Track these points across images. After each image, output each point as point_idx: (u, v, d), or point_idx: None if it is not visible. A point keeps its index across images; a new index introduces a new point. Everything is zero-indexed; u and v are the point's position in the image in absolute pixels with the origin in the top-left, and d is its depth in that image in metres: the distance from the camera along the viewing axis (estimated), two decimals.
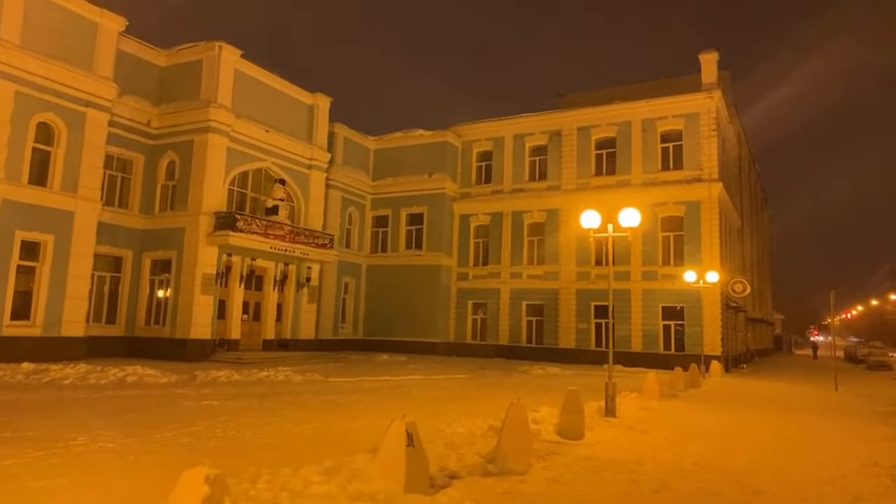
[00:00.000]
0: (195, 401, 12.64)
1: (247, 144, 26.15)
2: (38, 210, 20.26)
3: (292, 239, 26.73)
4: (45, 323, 20.55)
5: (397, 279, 35.09)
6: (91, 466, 6.93)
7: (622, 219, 12.08)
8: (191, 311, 23.66)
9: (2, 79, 19.28)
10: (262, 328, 27.45)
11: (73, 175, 21.35)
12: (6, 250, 19.50)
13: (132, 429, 9.17)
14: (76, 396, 12.84)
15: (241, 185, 26.63)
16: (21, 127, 19.86)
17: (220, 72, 24.71)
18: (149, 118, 25.18)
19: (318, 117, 30.16)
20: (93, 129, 21.91)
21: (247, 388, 15.75)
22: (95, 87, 21.86)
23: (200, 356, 23.31)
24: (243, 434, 9.14)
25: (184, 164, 24.80)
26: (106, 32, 22.32)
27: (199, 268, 23.90)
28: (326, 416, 11.23)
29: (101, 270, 24.08)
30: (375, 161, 37.07)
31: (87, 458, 7.33)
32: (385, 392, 15.87)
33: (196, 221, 23.99)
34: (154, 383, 16.01)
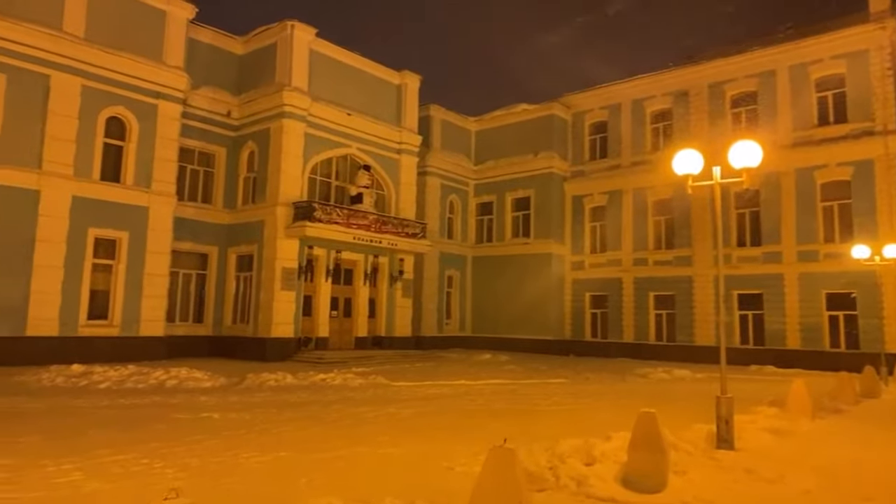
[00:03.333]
0: (194, 413, 10.57)
1: (327, 129, 24.45)
2: (111, 206, 19.76)
3: (378, 228, 24.64)
4: (122, 322, 20.04)
5: (505, 270, 31.98)
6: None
7: (734, 156, 8.15)
8: (271, 308, 22.32)
9: (67, 73, 18.92)
10: (354, 325, 25.67)
11: (147, 170, 20.73)
12: (80, 248, 19.12)
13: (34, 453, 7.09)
14: (75, 404, 11.31)
15: (324, 173, 25.01)
16: (90, 122, 19.42)
17: (293, 53, 23.18)
18: (228, 109, 24.33)
19: (407, 97, 27.87)
20: (165, 121, 21.19)
21: (287, 394, 13.62)
22: (166, 78, 21.12)
23: (283, 355, 21.89)
24: (157, 467, 6.69)
25: (262, 153, 23.61)
26: (175, 21, 21.53)
27: (279, 262, 22.51)
28: (324, 439, 8.57)
29: (186, 268, 23.54)
30: (477, 143, 34.22)
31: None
32: (441, 402, 12.96)
33: (274, 213, 22.64)
34: (194, 388, 14.42)
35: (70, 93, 18.97)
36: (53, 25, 18.65)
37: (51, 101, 18.58)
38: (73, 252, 18.94)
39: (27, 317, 18.02)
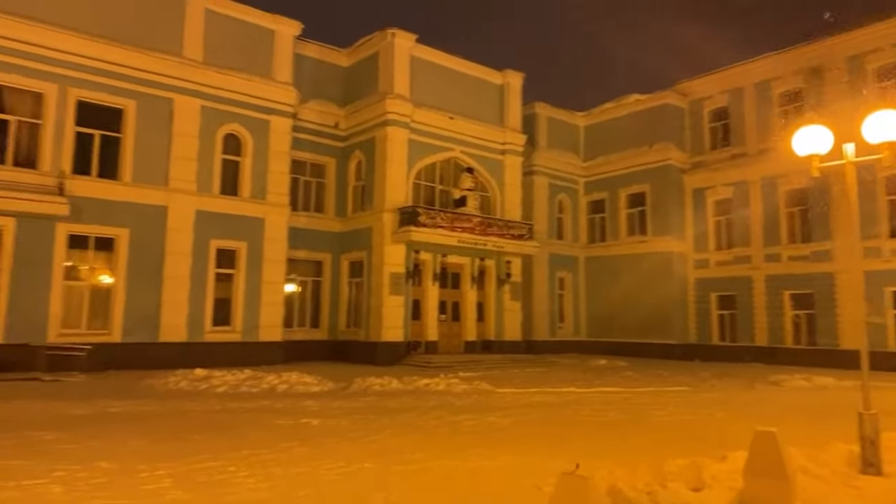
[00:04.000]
0: (295, 418, 10.69)
1: (430, 134, 24.50)
2: (230, 219, 20.93)
3: (483, 231, 24.29)
4: (243, 328, 21.14)
5: (620, 271, 30.46)
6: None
7: (869, 129, 6.88)
8: (381, 313, 22.67)
9: (188, 96, 20.30)
10: (462, 329, 25.47)
11: (261, 182, 21.78)
12: (203, 259, 20.40)
13: (131, 457, 7.34)
14: (190, 407, 11.86)
15: (427, 178, 25.09)
16: (209, 140, 20.71)
17: (394, 61, 23.46)
18: (336, 120, 25.08)
19: (510, 97, 27.33)
20: (277, 135, 22.18)
21: (390, 399, 13.55)
22: (276, 94, 22.10)
23: (393, 360, 22.14)
24: (240, 476, 6.66)
25: (368, 162, 24.11)
26: (282, 38, 22.50)
27: (387, 267, 22.82)
28: (414, 448, 8.27)
29: (302, 275, 24.53)
30: (586, 139, 32.94)
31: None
32: (545, 410, 12.30)
33: (380, 220, 23.00)
34: (302, 392, 14.76)
35: (191, 114, 20.33)
36: (175, 52, 20.09)
37: (175, 122, 20.02)
38: (197, 263, 20.24)
39: (159, 324, 19.46)
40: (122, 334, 18.89)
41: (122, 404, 12.06)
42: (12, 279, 17.20)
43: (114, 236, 18.88)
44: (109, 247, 18.95)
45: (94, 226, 18.46)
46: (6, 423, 9.76)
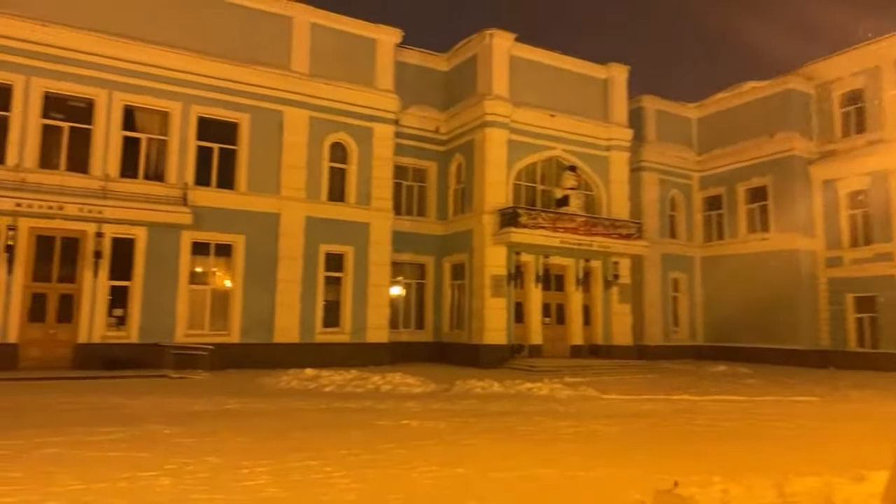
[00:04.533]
0: (395, 420, 10.75)
1: (530, 134, 24.08)
2: (337, 224, 21.65)
3: (587, 231, 23.50)
4: (352, 330, 21.77)
5: (740, 271, 28.43)
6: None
7: None
8: (483, 316, 22.53)
9: (297, 107, 21.22)
10: (568, 333, 24.76)
11: (366, 188, 22.36)
12: (313, 263, 21.23)
13: (238, 453, 7.60)
14: (297, 406, 12.28)
15: (528, 178, 24.67)
16: (317, 149, 21.54)
17: (493, 61, 23.29)
18: (437, 125, 25.30)
19: (614, 91, 26.29)
20: (380, 142, 22.69)
21: (490, 403, 13.34)
22: (379, 102, 22.62)
23: (496, 362, 21.92)
24: (335, 477, 6.68)
25: (468, 164, 24.10)
26: (384, 47, 23.00)
27: (488, 269, 22.66)
28: (511, 455, 8.00)
29: (407, 277, 24.96)
30: (699, 132, 31.08)
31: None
32: (655, 419, 11.57)
33: (481, 222, 22.88)
34: (405, 393, 14.91)
35: (300, 125, 21.24)
36: (284, 66, 21.09)
37: (285, 133, 21.01)
38: (308, 267, 21.09)
39: (274, 325, 20.45)
40: (241, 335, 20.02)
41: (236, 401, 12.71)
42: (145, 284, 18.74)
43: (232, 242, 20.09)
44: (228, 252, 20.17)
45: (214, 233, 19.74)
46: (134, 417, 10.54)
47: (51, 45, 17.87)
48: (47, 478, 6.22)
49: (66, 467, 6.70)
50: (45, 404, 11.84)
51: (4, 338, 16.94)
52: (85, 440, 8.30)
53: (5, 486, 5.83)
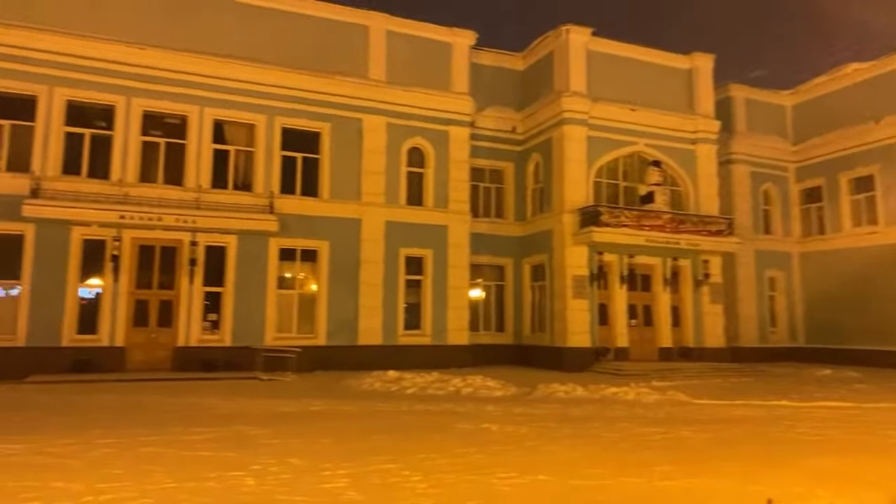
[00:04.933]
0: (475, 423, 10.67)
1: (610, 129, 23.39)
2: (416, 228, 21.88)
3: (674, 228, 22.55)
4: (433, 332, 21.93)
5: (845, 267, 26.42)
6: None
7: None
8: (565, 318, 22.08)
9: (375, 115, 21.63)
10: (656, 335, 23.82)
11: (443, 191, 22.47)
12: (394, 266, 21.55)
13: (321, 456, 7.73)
14: (379, 408, 12.43)
15: (610, 175, 23.96)
16: (395, 154, 21.88)
17: (569, 58, 22.82)
18: (513, 125, 25.09)
19: (699, 81, 25.10)
20: (456, 145, 22.75)
21: (573, 407, 13.02)
22: (454, 105, 22.69)
23: (580, 366, 21.40)
24: (412, 481, 6.65)
25: (546, 163, 23.72)
26: (458, 50, 23.05)
27: (569, 270, 22.18)
28: (594, 462, 7.72)
29: (487, 279, 24.88)
30: (795, 120, 29.15)
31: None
32: (749, 426, 10.87)
33: (560, 221, 22.45)
34: (485, 396, 14.82)
35: (378, 131, 21.64)
36: (362, 75, 21.57)
37: (364, 140, 21.48)
38: (389, 270, 21.44)
39: (358, 328, 20.91)
40: (327, 337, 20.60)
41: (321, 403, 13.05)
42: (236, 289, 19.63)
43: (316, 248, 20.71)
44: (313, 258, 20.81)
45: (299, 239, 20.42)
46: (225, 417, 11.02)
47: (148, 67, 19.09)
48: (144, 475, 6.57)
49: (162, 465, 7.07)
50: (148, 404, 12.60)
51: (112, 341, 18.22)
52: (180, 439, 8.74)
53: (106, 483, 6.21)
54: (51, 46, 18.08)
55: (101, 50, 18.54)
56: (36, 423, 10.06)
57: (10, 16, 17.88)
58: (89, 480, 6.30)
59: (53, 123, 18.19)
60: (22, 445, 8.12)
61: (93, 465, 7.07)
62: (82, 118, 18.76)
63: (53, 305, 17.64)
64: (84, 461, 7.26)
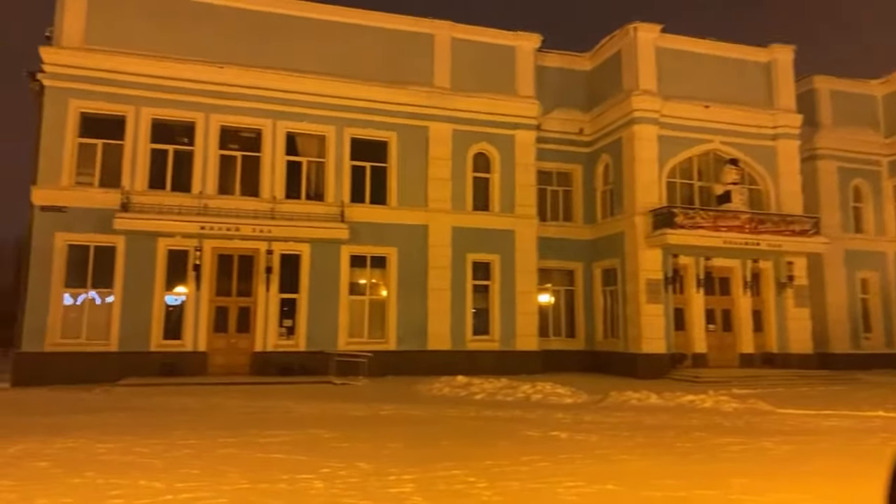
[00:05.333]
0: (544, 430, 10.50)
1: (682, 128, 22.64)
2: (482, 233, 21.90)
3: (754, 229, 21.56)
4: (501, 337, 21.85)
5: None
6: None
7: None
8: (639, 323, 21.49)
9: (441, 122, 21.84)
10: (736, 340, 22.81)
11: (510, 196, 22.40)
12: (461, 272, 21.63)
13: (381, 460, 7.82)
14: (448, 413, 12.48)
15: (684, 175, 23.18)
16: (461, 160, 22.00)
17: (638, 56, 22.28)
18: (581, 126, 24.71)
19: (779, 74, 23.90)
20: (522, 149, 22.63)
21: (646, 415, 12.63)
22: (520, 109, 22.61)
23: (655, 373, 20.78)
24: (478, 488, 6.60)
25: (616, 165, 23.22)
26: (523, 53, 22.96)
27: (642, 274, 21.59)
28: (666, 473, 7.44)
29: (556, 284, 24.57)
30: (886, 110, 27.30)
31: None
32: (838, 438, 10.18)
33: (632, 224, 21.89)
34: (555, 403, 14.61)
35: (443, 138, 21.83)
36: (427, 83, 21.85)
37: (430, 147, 21.72)
38: (456, 275, 21.54)
39: (427, 333, 21.10)
40: (397, 342, 20.90)
41: (391, 408, 13.23)
42: (310, 296, 20.23)
43: (385, 254, 21.08)
44: (382, 264, 21.18)
45: (369, 246, 20.85)
46: (299, 421, 11.35)
47: (225, 84, 20.03)
48: (220, 476, 6.84)
49: (237, 466, 7.35)
50: (227, 407, 13.16)
51: (196, 346, 19.15)
52: (255, 441, 9.06)
53: (185, 483, 6.51)
54: (137, 69, 19.28)
55: (181, 70, 19.60)
56: (126, 424, 10.69)
57: (99, 42, 19.19)
58: (170, 480, 6.62)
59: (140, 141, 19.37)
60: (113, 444, 8.64)
61: (174, 464, 7.44)
62: (166, 135, 19.88)
63: (142, 313, 18.73)
64: (166, 461, 7.65)
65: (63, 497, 5.97)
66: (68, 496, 6.00)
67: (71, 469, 7.11)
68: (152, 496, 6.05)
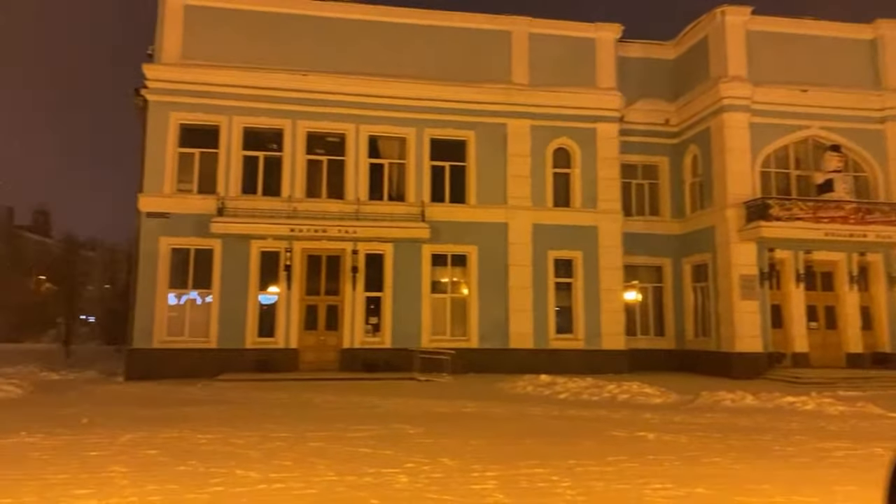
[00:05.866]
0: (630, 431, 10.26)
1: (777, 114, 21.33)
2: (564, 229, 21.55)
3: (860, 219, 20.06)
4: (585, 336, 21.45)
5: None
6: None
7: None
8: (732, 320, 20.50)
9: (519, 118, 21.69)
10: (842, 339, 21.29)
11: (592, 191, 21.93)
12: (543, 269, 21.41)
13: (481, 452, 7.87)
14: (530, 412, 12.41)
15: (779, 164, 21.86)
16: (540, 156, 21.76)
17: (726, 41, 21.21)
18: (666, 117, 23.83)
19: (885, 51, 22.00)
20: (604, 143, 22.10)
21: (741, 417, 12.05)
22: (601, 102, 22.09)
23: (751, 373, 19.75)
24: (561, 487, 6.51)
25: (705, 155, 22.23)
26: (603, 45, 22.41)
27: (735, 269, 20.57)
28: (761, 478, 7.09)
29: (643, 281, 23.87)
30: None
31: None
32: None
33: (723, 217, 20.90)
34: (642, 403, 14.20)
35: (522, 135, 21.68)
36: (504, 80, 21.76)
37: (509, 144, 21.62)
38: (538, 273, 21.34)
39: (508, 331, 21.03)
40: (479, 340, 20.95)
41: (474, 405, 13.32)
42: (394, 294, 20.65)
43: (465, 253, 21.19)
44: (463, 262, 21.31)
45: (449, 245, 21.02)
46: (384, 416, 11.64)
47: (310, 91, 20.75)
48: (310, 468, 7.15)
49: (326, 459, 7.64)
50: (316, 402, 13.68)
51: (287, 343, 20.01)
52: (343, 436, 9.38)
53: (278, 474, 6.85)
54: (229, 80, 20.33)
55: (269, 79, 20.50)
56: (225, 417, 11.35)
57: (194, 57, 20.37)
58: (264, 470, 6.99)
59: (233, 149, 20.44)
60: (213, 436, 9.21)
61: (268, 456, 7.83)
62: (256, 142, 20.87)
63: (238, 311, 19.77)
64: (260, 452, 8.07)
65: (170, 483, 6.42)
66: (174, 483, 6.46)
67: (176, 457, 7.64)
68: (249, 485, 6.40)
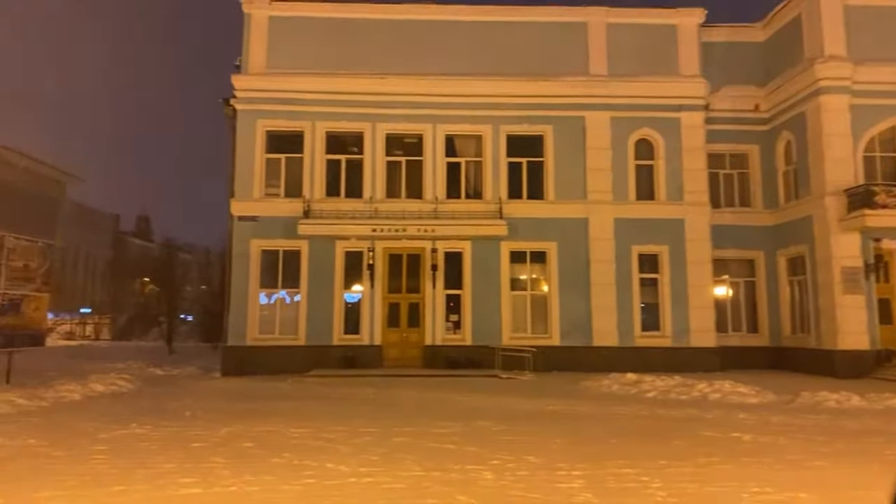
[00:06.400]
0: (724, 431, 9.84)
1: (881, 94, 19.73)
2: (648, 223, 20.91)
3: None
4: (673, 333, 20.74)
5: None
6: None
7: None
8: (833, 316, 19.23)
9: (598, 111, 21.22)
10: None
11: (676, 182, 21.16)
12: (626, 265, 20.86)
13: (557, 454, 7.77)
14: (617, 411, 12.12)
15: (884, 147, 20.22)
16: (621, 149, 21.20)
17: (821, 17, 19.85)
18: (755, 102, 22.59)
19: None
20: (689, 132, 21.27)
21: (847, 419, 11.31)
22: (685, 89, 21.28)
23: (856, 371, 18.49)
24: (652, 488, 6.32)
25: (800, 141, 20.91)
26: (685, 30, 21.56)
27: (836, 261, 19.27)
28: (865, 484, 6.62)
29: (734, 276, 22.80)
30: None
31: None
32: None
33: (821, 205, 19.63)
34: (737, 403, 13.57)
35: (601, 127, 21.19)
36: (582, 73, 21.35)
37: (587, 138, 21.20)
38: (621, 269, 20.82)
39: (591, 329, 20.63)
40: (560, 338, 20.68)
41: (558, 403, 13.17)
42: (474, 291, 20.73)
43: (545, 249, 20.96)
44: (542, 259, 21.09)
45: (528, 241, 20.85)
46: (468, 413, 11.70)
47: (388, 94, 21.15)
48: (397, 463, 7.31)
49: (412, 454, 7.79)
50: (401, 398, 13.95)
51: (372, 340, 20.51)
52: (428, 432, 9.52)
53: (366, 468, 7.04)
54: (311, 87, 21.03)
55: (349, 84, 21.06)
56: (315, 411, 11.77)
57: (279, 66, 21.19)
58: (353, 464, 7.21)
59: (317, 153, 21.14)
60: (305, 430, 9.58)
61: (356, 450, 8.07)
62: (338, 146, 21.48)
63: (325, 309, 20.43)
64: (350, 446, 8.32)
65: (265, 475, 6.74)
66: (270, 474, 6.78)
67: (270, 450, 8.01)
68: (340, 478, 6.63)
